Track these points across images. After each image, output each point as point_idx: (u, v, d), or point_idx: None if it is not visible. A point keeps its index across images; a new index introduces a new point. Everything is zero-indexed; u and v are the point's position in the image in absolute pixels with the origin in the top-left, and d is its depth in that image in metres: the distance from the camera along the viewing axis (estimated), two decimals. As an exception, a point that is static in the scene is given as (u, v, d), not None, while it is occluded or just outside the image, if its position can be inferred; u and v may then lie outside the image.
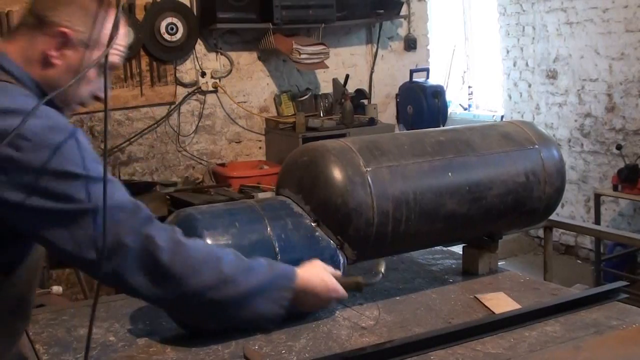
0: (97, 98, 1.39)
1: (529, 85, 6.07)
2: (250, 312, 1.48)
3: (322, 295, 1.59)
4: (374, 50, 5.41)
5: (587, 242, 5.55)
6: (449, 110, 5.80)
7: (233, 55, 4.90)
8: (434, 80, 5.50)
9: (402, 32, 5.57)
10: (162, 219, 1.50)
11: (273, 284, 1.49)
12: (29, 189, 1.21)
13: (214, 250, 1.47)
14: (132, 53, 4.43)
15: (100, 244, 1.24)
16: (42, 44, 1.32)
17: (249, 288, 1.44)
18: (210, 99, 4.88)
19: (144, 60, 4.55)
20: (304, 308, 1.62)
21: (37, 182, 1.21)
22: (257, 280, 1.46)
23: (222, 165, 4.81)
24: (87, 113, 4.37)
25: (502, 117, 6.28)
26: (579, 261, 5.62)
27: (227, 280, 1.41)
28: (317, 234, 1.76)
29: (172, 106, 4.72)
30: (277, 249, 1.66)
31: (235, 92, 4.93)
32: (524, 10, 6.04)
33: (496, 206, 2.06)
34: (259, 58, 5.01)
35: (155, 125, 4.70)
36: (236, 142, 5.00)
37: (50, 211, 1.23)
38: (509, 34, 6.24)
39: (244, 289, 1.43)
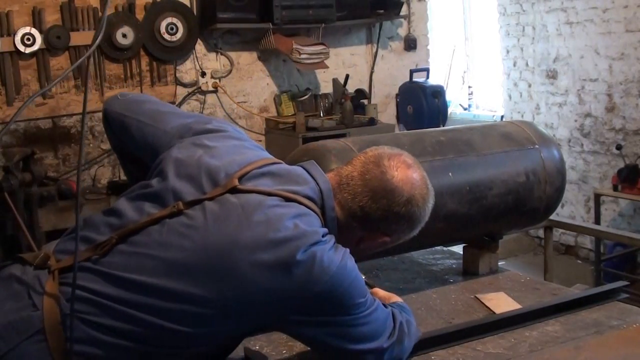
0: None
1: (529, 85, 6.07)
2: None
3: None
4: (374, 50, 5.41)
5: (587, 242, 5.55)
6: (449, 110, 5.80)
7: (233, 55, 4.89)
8: (434, 80, 5.49)
9: (402, 32, 5.56)
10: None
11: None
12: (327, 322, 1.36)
13: (413, 327, 1.55)
14: (132, 53, 4.43)
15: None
16: (361, 232, 1.48)
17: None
18: (210, 99, 4.87)
19: (144, 60, 4.55)
20: None
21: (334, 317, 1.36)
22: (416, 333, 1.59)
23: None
24: (87, 113, 4.37)
25: (502, 117, 6.27)
26: (579, 261, 5.62)
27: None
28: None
29: (172, 106, 4.72)
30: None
31: (235, 92, 4.93)
32: (524, 10, 6.04)
33: (496, 206, 2.06)
34: (259, 58, 5.01)
35: (156, 125, 4.69)
36: (236, 142, 4.99)
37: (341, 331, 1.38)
38: (509, 34, 6.24)
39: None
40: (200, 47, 4.77)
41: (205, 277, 1.28)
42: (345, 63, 5.30)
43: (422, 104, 5.19)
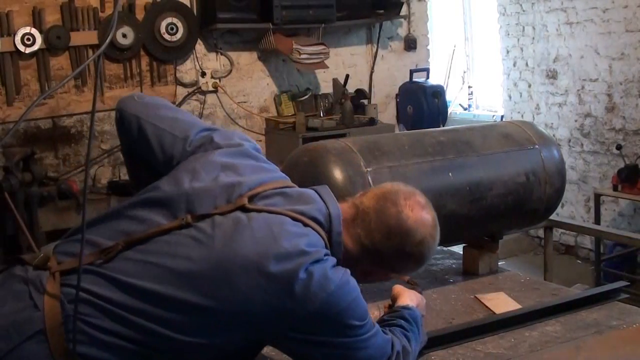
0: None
1: (529, 85, 6.07)
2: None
3: (423, 306, 1.73)
4: (374, 50, 5.41)
5: (587, 242, 5.55)
6: (449, 110, 5.79)
7: (233, 55, 4.89)
8: (434, 80, 5.49)
9: (402, 32, 5.57)
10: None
11: (422, 333, 1.62)
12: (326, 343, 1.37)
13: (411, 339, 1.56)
14: (132, 53, 4.43)
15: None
16: (370, 267, 1.51)
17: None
18: (210, 99, 4.87)
19: (144, 60, 4.55)
20: None
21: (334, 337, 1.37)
22: (419, 340, 1.60)
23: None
24: (87, 113, 4.38)
25: (502, 117, 6.27)
26: (579, 261, 5.62)
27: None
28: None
29: (172, 106, 4.71)
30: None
31: (235, 92, 4.93)
32: (524, 10, 6.04)
33: (496, 206, 2.07)
34: (259, 58, 5.01)
35: (156, 125, 4.69)
36: (236, 142, 4.99)
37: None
38: (509, 34, 6.24)
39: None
40: (200, 47, 4.77)
41: (207, 287, 1.29)
42: (345, 63, 5.30)
43: (422, 104, 5.19)
